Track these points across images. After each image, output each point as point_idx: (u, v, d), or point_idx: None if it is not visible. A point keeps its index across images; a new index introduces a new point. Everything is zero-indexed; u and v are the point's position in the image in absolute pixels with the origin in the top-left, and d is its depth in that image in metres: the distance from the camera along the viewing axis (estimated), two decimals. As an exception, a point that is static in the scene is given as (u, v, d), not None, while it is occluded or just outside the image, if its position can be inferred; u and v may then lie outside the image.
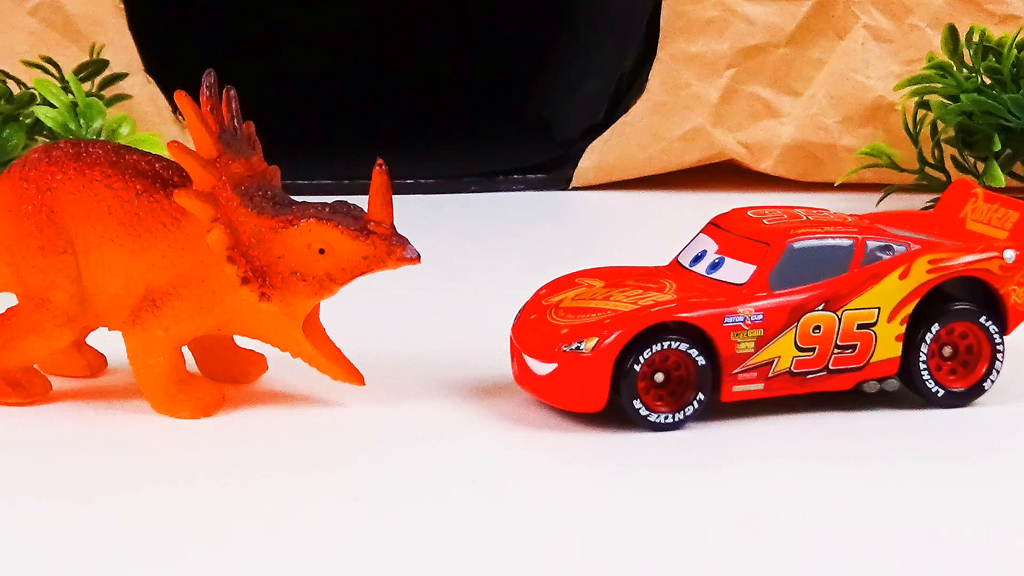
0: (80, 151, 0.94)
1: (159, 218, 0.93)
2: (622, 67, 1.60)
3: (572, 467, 0.88)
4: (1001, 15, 1.49)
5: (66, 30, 1.45)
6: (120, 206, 0.92)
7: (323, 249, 0.92)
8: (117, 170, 0.93)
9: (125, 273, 0.93)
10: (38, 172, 0.93)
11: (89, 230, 0.93)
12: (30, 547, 0.77)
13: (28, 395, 0.95)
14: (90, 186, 0.93)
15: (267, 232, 0.92)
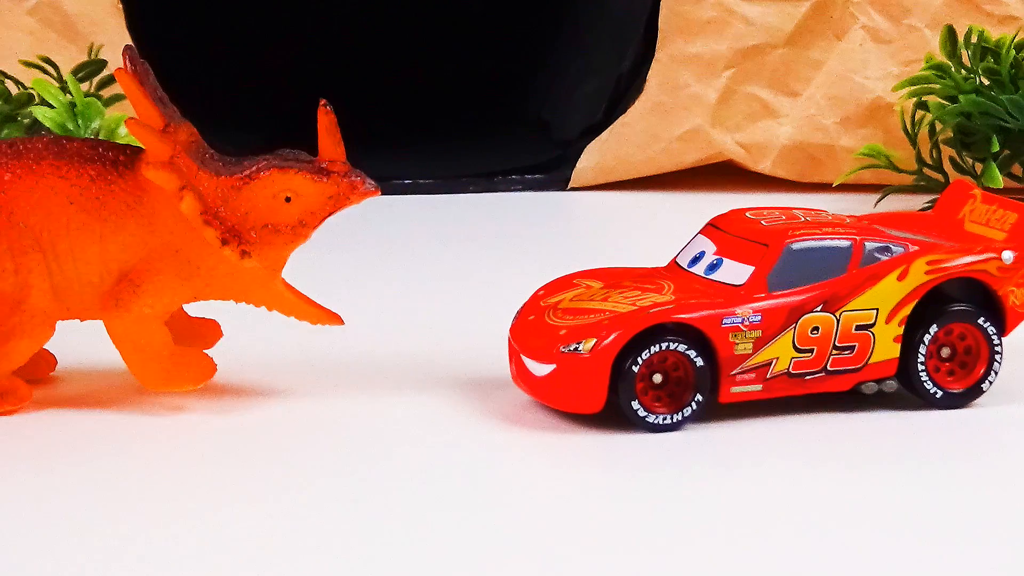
0: (19, 149, 0.94)
1: (121, 199, 0.93)
2: (621, 67, 1.60)
3: (570, 468, 0.88)
4: (999, 16, 1.49)
5: (64, 30, 1.45)
6: (79, 195, 0.93)
7: (289, 197, 0.93)
8: (65, 160, 0.93)
9: (99, 260, 0.93)
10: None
11: (53, 224, 0.93)
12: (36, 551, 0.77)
13: (16, 401, 0.95)
14: (43, 181, 0.93)
15: (229, 191, 0.93)
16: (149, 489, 0.84)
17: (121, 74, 0.93)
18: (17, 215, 0.93)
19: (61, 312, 0.94)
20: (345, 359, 1.03)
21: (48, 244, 0.93)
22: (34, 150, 0.93)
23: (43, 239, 0.93)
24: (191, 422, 0.92)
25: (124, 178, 0.93)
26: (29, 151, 0.93)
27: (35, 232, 0.93)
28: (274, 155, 0.95)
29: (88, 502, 0.82)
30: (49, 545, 0.77)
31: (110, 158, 0.94)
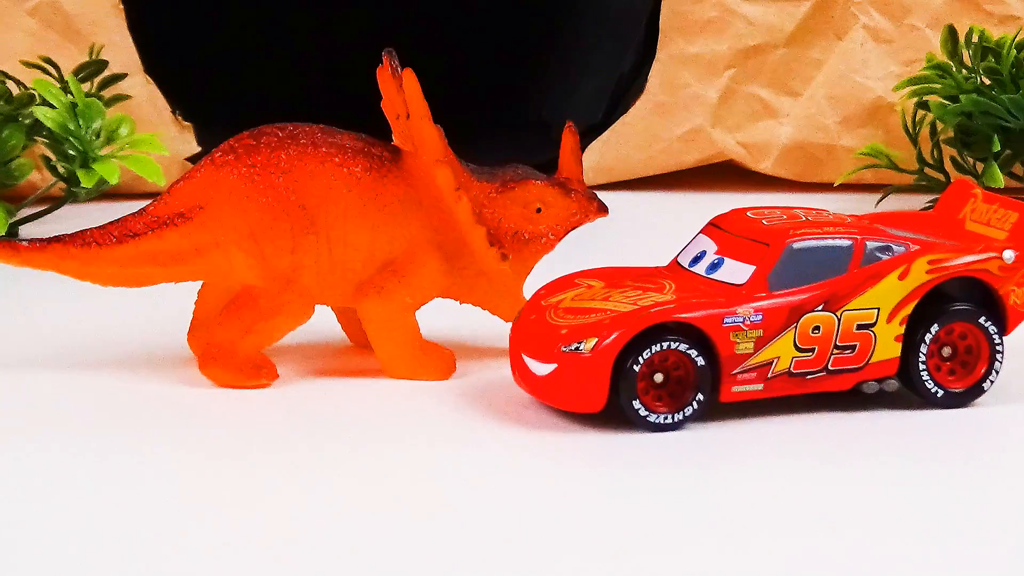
0: (293, 132, 0.98)
1: (392, 191, 0.97)
2: (621, 67, 1.60)
3: (572, 467, 0.88)
4: (1000, 16, 1.49)
5: (65, 30, 1.45)
6: (357, 183, 0.96)
7: (540, 208, 0.97)
8: (339, 149, 0.97)
9: (367, 248, 0.97)
10: (264, 157, 0.96)
11: (331, 209, 0.96)
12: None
13: (271, 376, 0.97)
14: (324, 166, 0.96)
15: (487, 197, 0.97)
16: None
17: (409, 75, 0.97)
18: (300, 196, 0.95)
19: (318, 296, 0.97)
20: (345, 358, 1.03)
21: (323, 228, 0.96)
22: (309, 135, 0.98)
23: (319, 222, 0.96)
24: (199, 403, 0.92)
25: (392, 173, 0.97)
26: (303, 135, 0.97)
27: (313, 215, 0.96)
28: (512, 167, 0.99)
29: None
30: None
31: (376, 152, 0.98)
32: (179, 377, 0.99)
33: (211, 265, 0.97)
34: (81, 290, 1.02)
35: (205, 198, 0.97)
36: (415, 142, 0.96)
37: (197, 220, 0.96)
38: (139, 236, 0.97)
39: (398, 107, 0.97)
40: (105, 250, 0.97)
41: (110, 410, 0.95)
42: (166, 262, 0.97)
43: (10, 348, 1.06)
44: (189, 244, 0.97)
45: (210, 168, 0.97)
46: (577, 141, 1.00)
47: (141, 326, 1.10)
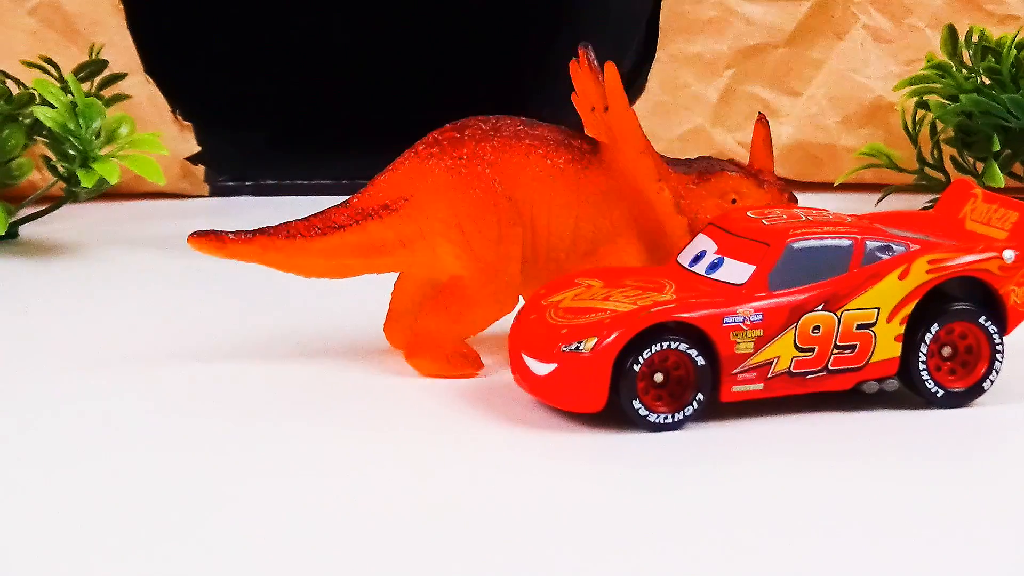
0: (495, 125, 0.99)
1: (595, 183, 0.98)
2: (621, 67, 1.59)
3: (572, 467, 0.88)
4: (1000, 15, 1.49)
5: (65, 30, 1.44)
6: (560, 175, 0.97)
7: (735, 199, 0.98)
8: (541, 141, 0.98)
9: (571, 238, 0.98)
10: (470, 149, 0.97)
11: (537, 200, 0.97)
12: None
13: (479, 366, 0.99)
14: (528, 158, 0.97)
15: (685, 188, 0.98)
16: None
17: (610, 67, 0.98)
18: (508, 188, 0.96)
19: (521, 286, 0.98)
20: (346, 358, 1.03)
21: (529, 219, 0.97)
22: (511, 128, 0.98)
23: (525, 213, 0.97)
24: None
25: (593, 164, 0.98)
26: (505, 128, 0.98)
27: (519, 206, 0.97)
28: (703, 158, 1.00)
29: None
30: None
31: (576, 144, 0.99)
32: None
33: (415, 256, 0.98)
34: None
35: (410, 190, 0.98)
36: (615, 133, 0.97)
37: (403, 212, 0.97)
38: (344, 228, 0.98)
39: (594, 99, 0.98)
40: (310, 242, 0.98)
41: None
42: (370, 253, 0.98)
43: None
44: (394, 235, 0.98)
45: (414, 160, 0.98)
46: (768, 133, 1.01)
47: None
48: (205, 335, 1.08)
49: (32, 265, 1.26)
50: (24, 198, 1.36)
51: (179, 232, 1.36)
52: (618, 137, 0.97)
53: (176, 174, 1.47)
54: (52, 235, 1.34)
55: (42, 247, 1.31)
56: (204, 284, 1.21)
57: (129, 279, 1.23)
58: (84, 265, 1.27)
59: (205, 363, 1.02)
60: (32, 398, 0.97)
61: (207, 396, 0.97)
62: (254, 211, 1.44)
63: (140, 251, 1.30)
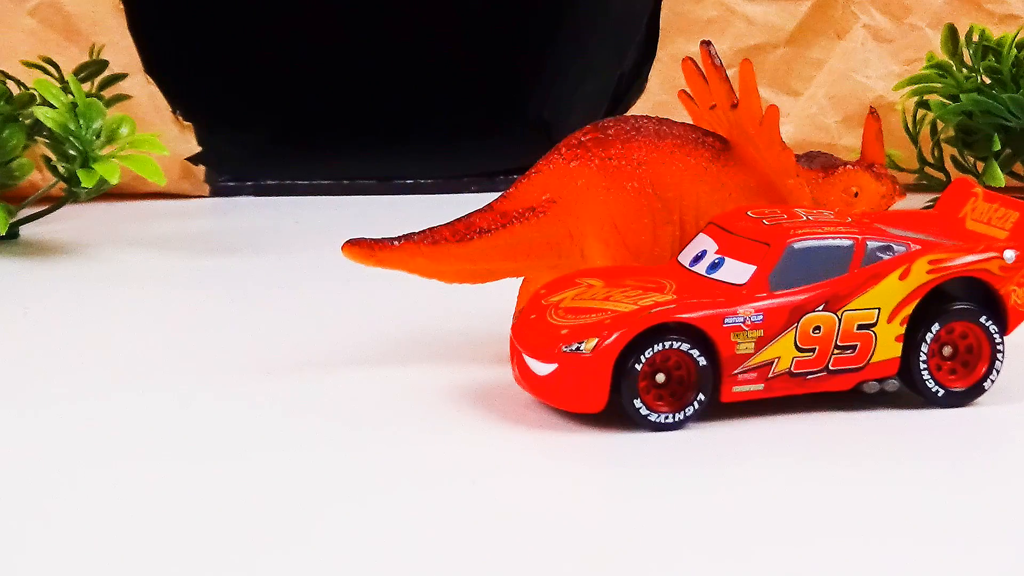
0: (637, 126, 0.99)
1: (736, 179, 0.98)
2: (622, 67, 1.60)
3: (572, 467, 0.88)
4: (1001, 15, 1.48)
5: (66, 30, 1.44)
6: (705, 173, 0.98)
7: (858, 192, 0.99)
8: (683, 140, 0.98)
9: None
10: (617, 149, 0.97)
11: (686, 199, 0.98)
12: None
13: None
14: (674, 156, 0.97)
15: (813, 183, 0.99)
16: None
17: (745, 65, 0.98)
18: (658, 188, 0.97)
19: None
20: (346, 358, 1.03)
21: (678, 218, 0.98)
22: (651, 127, 0.99)
23: (675, 212, 0.98)
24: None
25: (730, 161, 0.98)
26: (645, 128, 0.98)
27: (669, 204, 0.97)
28: (817, 153, 1.01)
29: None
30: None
31: (710, 143, 0.99)
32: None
33: (562, 258, 0.98)
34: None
35: (557, 191, 0.98)
36: (747, 130, 0.98)
37: (551, 213, 0.98)
38: (490, 232, 0.98)
39: (717, 97, 0.99)
40: (456, 247, 0.98)
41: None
42: (517, 256, 0.98)
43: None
44: (541, 237, 0.98)
45: (559, 162, 0.98)
46: (880, 126, 1.01)
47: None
48: (205, 335, 1.08)
49: (32, 265, 1.26)
50: (24, 198, 1.36)
51: (179, 232, 1.37)
52: (754, 133, 0.98)
53: (176, 174, 1.47)
54: (52, 235, 1.34)
55: (42, 247, 1.31)
56: (204, 285, 1.21)
57: (129, 279, 1.23)
58: (84, 265, 1.26)
59: (205, 363, 1.02)
60: (32, 398, 0.97)
61: (207, 396, 0.97)
62: (254, 211, 1.44)
63: (140, 251, 1.30)
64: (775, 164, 0.98)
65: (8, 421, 0.93)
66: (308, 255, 1.28)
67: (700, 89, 1.00)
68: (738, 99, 0.98)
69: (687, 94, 1.01)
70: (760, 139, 0.98)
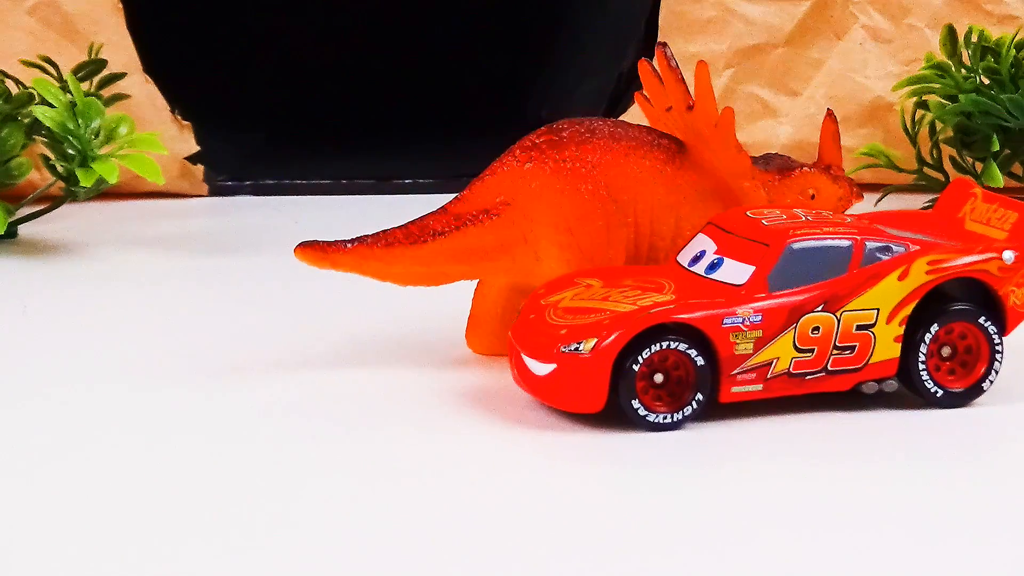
0: (591, 128, 0.99)
1: (690, 181, 0.98)
2: (620, 67, 1.60)
3: (571, 467, 0.88)
4: (1000, 15, 1.48)
5: (64, 30, 1.44)
6: (660, 175, 0.98)
7: (814, 194, 0.99)
8: (638, 143, 0.98)
9: (671, 237, 0.98)
10: (572, 152, 0.97)
11: (641, 201, 0.97)
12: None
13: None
14: (629, 159, 0.97)
15: (769, 185, 0.99)
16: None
17: (701, 67, 0.96)
18: (613, 190, 0.97)
19: None
20: (344, 358, 1.03)
21: (633, 220, 0.97)
22: (605, 129, 0.98)
23: (630, 215, 0.97)
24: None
25: (685, 163, 0.98)
26: (599, 130, 0.98)
27: (624, 208, 0.97)
28: (773, 155, 1.01)
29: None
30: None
31: (666, 145, 0.99)
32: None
33: (516, 261, 0.98)
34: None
35: (511, 194, 0.98)
36: (702, 132, 0.97)
37: (504, 216, 0.97)
38: (443, 234, 0.98)
39: (673, 99, 0.98)
40: (409, 249, 0.98)
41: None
42: (470, 259, 0.98)
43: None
44: (495, 240, 0.98)
45: (513, 164, 0.98)
46: (836, 128, 1.01)
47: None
48: (203, 335, 1.08)
49: (31, 265, 1.26)
50: (23, 197, 1.36)
51: (178, 232, 1.37)
52: (710, 136, 0.97)
53: (175, 174, 1.47)
54: (51, 235, 1.34)
55: (41, 247, 1.31)
56: (203, 284, 1.21)
57: (128, 278, 1.23)
58: (83, 265, 1.26)
59: (204, 362, 1.02)
60: (31, 397, 0.97)
61: (207, 396, 0.97)
62: (253, 211, 1.44)
63: (139, 251, 1.30)
64: (731, 166, 0.98)
65: (7, 420, 0.93)
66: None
67: (656, 91, 0.99)
68: (694, 101, 0.97)
69: (644, 96, 1.01)
70: (716, 141, 0.98)
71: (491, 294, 1.01)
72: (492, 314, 1.01)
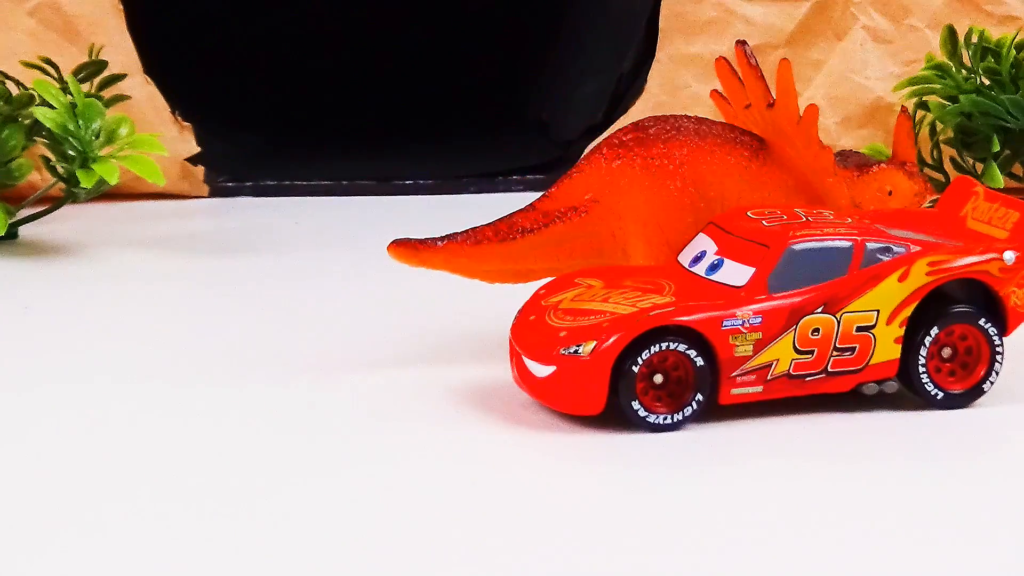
0: (677, 125, 0.99)
1: (774, 177, 0.99)
2: (621, 68, 1.60)
3: (571, 468, 0.88)
4: (1000, 16, 1.48)
5: (65, 31, 1.44)
6: (745, 172, 0.98)
7: (891, 191, 1.00)
8: (723, 140, 0.98)
9: None
10: (659, 149, 0.98)
11: (727, 198, 0.98)
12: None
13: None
14: (715, 156, 0.98)
15: (849, 182, 0.99)
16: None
17: (784, 66, 0.97)
18: (700, 187, 0.97)
19: None
20: (344, 358, 1.03)
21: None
22: (690, 127, 0.99)
23: (718, 212, 0.97)
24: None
25: (768, 160, 0.99)
26: (684, 127, 0.99)
27: (712, 204, 0.98)
28: (850, 152, 1.02)
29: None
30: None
31: (748, 142, 0.99)
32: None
33: (604, 257, 0.99)
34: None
35: (599, 191, 0.98)
36: (784, 129, 0.98)
37: (593, 213, 0.98)
38: (532, 231, 0.98)
39: (752, 96, 0.98)
40: (499, 247, 0.98)
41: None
42: (559, 256, 0.99)
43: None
44: (584, 237, 0.98)
45: (599, 162, 0.98)
46: (911, 124, 1.02)
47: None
48: (204, 336, 1.08)
49: (32, 265, 1.26)
50: (24, 199, 1.36)
51: (178, 232, 1.37)
52: (792, 133, 0.98)
53: (176, 175, 1.47)
54: (52, 236, 1.34)
55: (42, 248, 1.31)
56: (203, 285, 1.21)
57: (128, 279, 1.23)
58: (84, 265, 1.26)
59: (204, 363, 1.02)
60: (31, 398, 0.97)
61: (206, 396, 0.97)
62: (253, 212, 1.44)
63: (139, 252, 1.30)
64: (813, 163, 0.99)
65: (7, 420, 0.93)
66: (307, 255, 1.28)
67: (734, 88, 1.00)
68: (774, 98, 0.98)
69: (720, 94, 1.01)
70: (798, 138, 0.98)
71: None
72: None
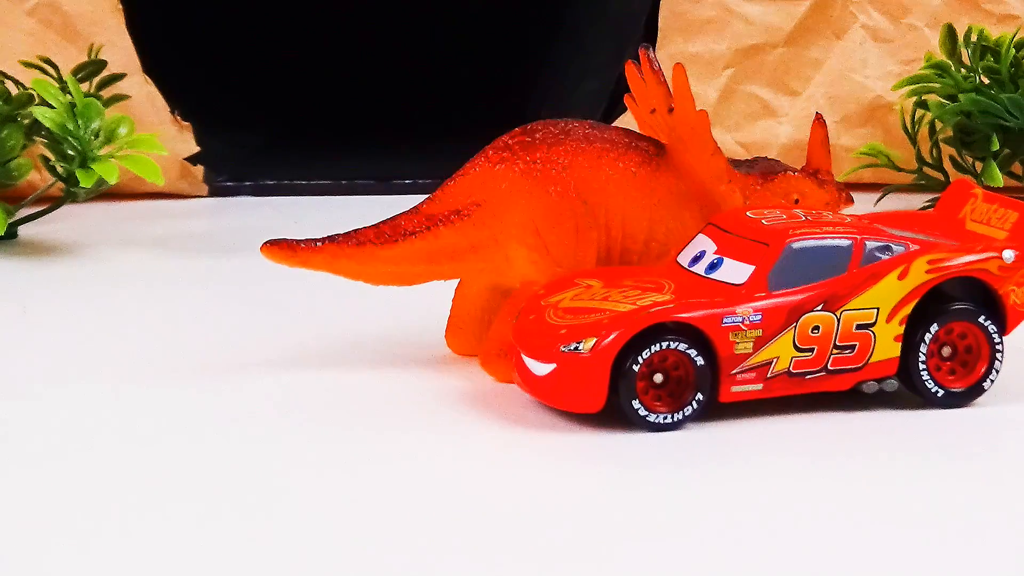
0: (566, 129, 0.98)
1: (665, 184, 0.98)
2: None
3: (572, 467, 0.88)
4: (999, 15, 1.49)
5: (64, 30, 1.44)
6: (633, 178, 0.97)
7: (799, 199, 0.99)
8: (612, 144, 0.98)
9: (645, 241, 0.98)
10: (543, 153, 0.97)
11: (612, 203, 0.97)
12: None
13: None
14: (601, 161, 0.97)
15: (751, 189, 0.98)
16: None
17: (679, 69, 0.96)
18: (583, 192, 0.96)
19: None
20: (344, 358, 1.03)
21: (604, 222, 0.97)
22: (580, 131, 0.98)
23: (600, 217, 0.97)
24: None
25: (662, 166, 0.98)
26: (574, 131, 0.98)
27: (595, 209, 0.97)
28: (761, 159, 1.01)
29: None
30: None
31: (643, 147, 0.98)
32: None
33: (487, 262, 0.98)
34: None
35: (482, 195, 0.97)
36: (682, 134, 0.97)
37: (475, 217, 0.97)
38: (415, 235, 0.97)
39: (656, 101, 0.98)
40: (380, 249, 0.98)
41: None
42: (441, 260, 0.98)
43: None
44: (466, 241, 0.97)
45: (485, 165, 0.98)
46: (826, 132, 1.01)
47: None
48: (203, 335, 1.08)
49: (31, 265, 1.26)
50: (23, 198, 1.36)
51: (178, 232, 1.37)
52: (687, 138, 0.97)
53: (175, 174, 1.47)
54: (51, 235, 1.35)
55: (41, 247, 1.31)
56: (203, 284, 1.21)
57: (128, 279, 1.23)
58: (83, 265, 1.27)
59: (203, 362, 1.02)
60: (32, 398, 0.97)
61: (206, 395, 0.97)
62: (253, 211, 1.44)
63: (139, 251, 1.30)
64: (707, 169, 0.98)
65: (7, 420, 0.93)
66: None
67: (641, 93, 0.99)
68: (674, 103, 0.97)
69: (632, 98, 1.00)
70: (692, 143, 0.97)
71: (470, 295, 1.01)
72: (471, 315, 1.01)
